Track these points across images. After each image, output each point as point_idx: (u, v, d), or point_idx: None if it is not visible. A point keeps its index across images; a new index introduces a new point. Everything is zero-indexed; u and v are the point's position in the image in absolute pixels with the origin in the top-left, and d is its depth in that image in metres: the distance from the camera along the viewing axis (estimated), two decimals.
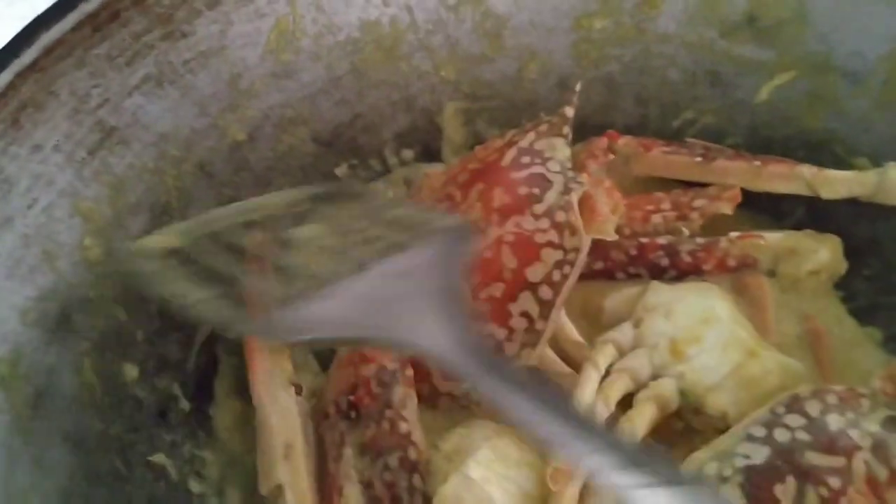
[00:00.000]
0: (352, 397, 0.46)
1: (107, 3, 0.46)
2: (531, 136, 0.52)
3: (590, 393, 0.45)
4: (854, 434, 0.40)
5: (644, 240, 0.52)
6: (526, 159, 0.50)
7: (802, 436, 0.41)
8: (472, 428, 0.45)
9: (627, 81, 0.57)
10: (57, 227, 0.45)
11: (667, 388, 0.46)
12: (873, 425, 0.41)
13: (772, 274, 0.52)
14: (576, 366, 0.48)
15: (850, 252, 0.52)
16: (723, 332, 0.47)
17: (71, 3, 0.45)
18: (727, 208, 0.52)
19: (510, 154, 0.51)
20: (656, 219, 0.54)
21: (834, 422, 0.41)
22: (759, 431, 0.42)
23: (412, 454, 0.45)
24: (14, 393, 0.42)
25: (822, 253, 0.52)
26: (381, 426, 0.45)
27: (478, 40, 0.56)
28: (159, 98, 0.48)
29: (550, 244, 0.48)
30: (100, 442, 0.45)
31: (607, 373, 0.47)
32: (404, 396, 0.47)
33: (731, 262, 0.51)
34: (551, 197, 0.49)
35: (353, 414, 0.46)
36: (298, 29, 0.52)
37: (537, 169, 0.50)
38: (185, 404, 0.51)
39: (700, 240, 0.51)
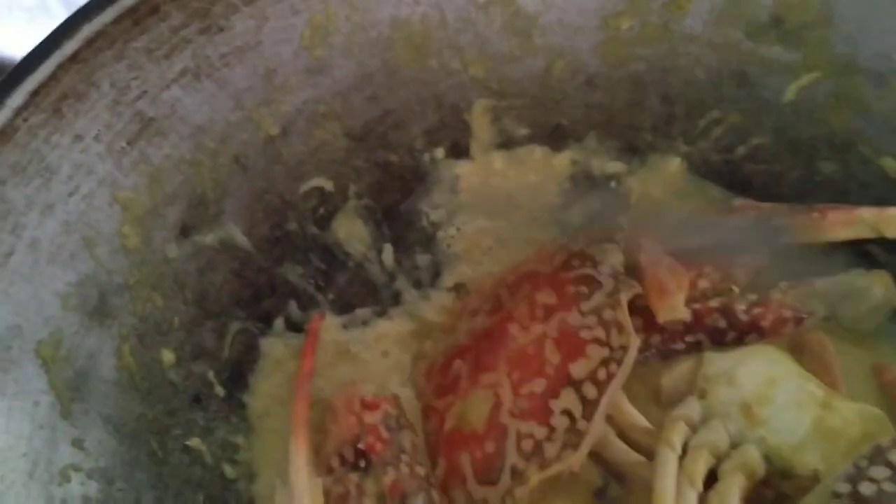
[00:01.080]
0: (360, 445, 0.45)
1: None
2: (582, 240, 0.52)
3: (672, 475, 0.43)
4: None
5: (697, 305, 0.50)
6: (576, 262, 0.51)
7: (889, 487, 0.39)
8: None
9: (654, 80, 0.58)
10: (96, 216, 0.46)
11: (750, 455, 0.44)
12: None
13: (827, 320, 0.51)
14: (647, 453, 0.46)
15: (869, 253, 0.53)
16: (791, 388, 0.45)
17: None
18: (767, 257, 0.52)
19: (560, 257, 0.52)
20: (703, 283, 0.52)
21: None
22: (844, 488, 0.40)
23: (435, 496, 0.45)
24: (55, 375, 0.42)
25: (876, 290, 0.51)
26: (401, 470, 0.45)
27: (506, 39, 0.56)
28: (196, 91, 0.49)
29: (597, 341, 0.47)
30: (138, 425, 0.46)
31: (684, 451, 0.44)
32: (413, 440, 0.47)
33: (788, 314, 0.50)
34: (599, 297, 0.48)
35: (362, 463, 0.45)
36: (331, 25, 0.53)
37: (587, 270, 0.50)
38: (219, 390, 0.52)
39: (752, 296, 0.51)
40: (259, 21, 0.50)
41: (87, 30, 0.45)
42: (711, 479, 0.44)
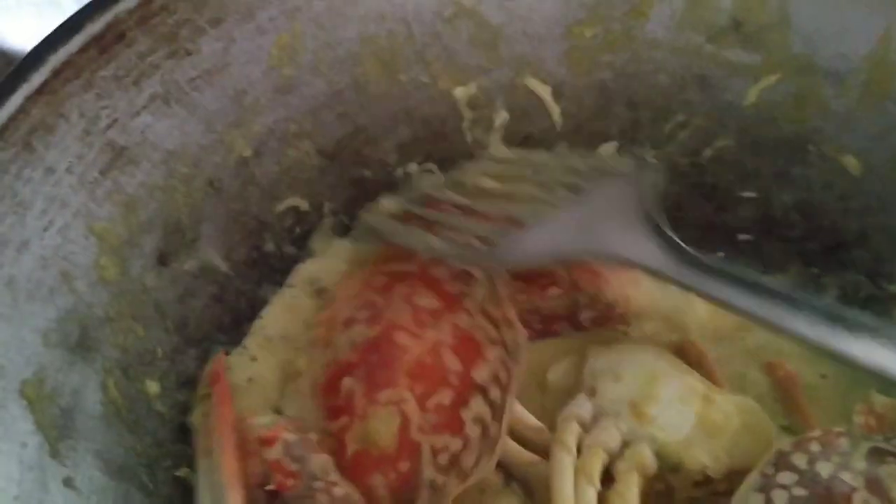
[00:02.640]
0: (270, 486, 0.43)
1: (112, 23, 0.46)
2: None
3: (569, 476, 0.44)
4: (846, 476, 0.41)
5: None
6: None
7: (799, 492, 0.41)
8: None
9: (619, 87, 0.58)
10: (73, 248, 0.45)
11: (643, 453, 0.45)
12: (860, 462, 0.41)
13: None
14: (539, 450, 0.47)
15: (839, 246, 0.54)
16: (674, 384, 0.47)
17: (76, 25, 0.46)
18: None
19: None
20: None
21: (824, 469, 0.41)
22: (757, 499, 0.42)
23: None
24: (41, 414, 0.42)
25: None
26: (318, 499, 0.43)
27: (473, 51, 0.57)
28: (166, 116, 0.49)
29: (491, 340, 0.47)
30: (127, 459, 0.45)
31: (578, 451, 0.45)
32: (322, 462, 0.45)
33: None
34: (479, 291, 0.48)
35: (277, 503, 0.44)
36: (299, 44, 0.53)
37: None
38: None
39: None
40: (226, 43, 0.50)
41: (54, 60, 0.44)
42: (606, 476, 0.45)
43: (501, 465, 0.47)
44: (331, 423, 0.47)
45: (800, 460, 0.42)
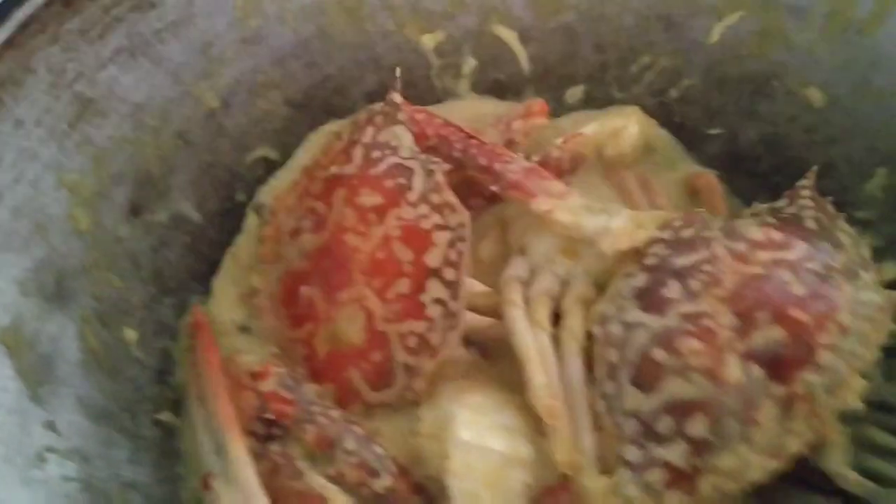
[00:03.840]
0: (268, 415, 0.45)
1: None
2: (370, 130, 0.51)
3: (525, 328, 0.47)
4: (706, 233, 0.46)
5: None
6: (376, 153, 0.50)
7: (665, 251, 0.46)
8: (435, 402, 0.46)
9: (585, 30, 0.59)
10: (45, 200, 0.46)
11: (581, 287, 0.48)
12: (716, 223, 0.47)
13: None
14: (490, 313, 0.50)
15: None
16: (582, 204, 0.49)
17: None
18: (543, 119, 0.57)
19: (358, 153, 0.51)
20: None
21: (686, 232, 0.47)
22: (633, 267, 0.46)
23: (358, 430, 0.46)
24: (20, 360, 0.42)
25: (633, 128, 0.57)
26: (318, 421, 0.45)
27: None
28: (133, 69, 0.49)
29: (437, 227, 0.48)
30: (108, 403, 0.46)
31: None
32: (315, 390, 0.47)
33: (566, 166, 0.55)
34: (418, 182, 0.49)
35: (276, 432, 0.46)
36: None
37: (392, 160, 0.50)
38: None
39: (535, 157, 0.54)
40: None
41: (21, 14, 0.45)
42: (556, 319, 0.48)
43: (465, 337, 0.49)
44: (296, 332, 0.48)
45: (666, 233, 0.47)
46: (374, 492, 0.45)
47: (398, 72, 0.53)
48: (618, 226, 0.48)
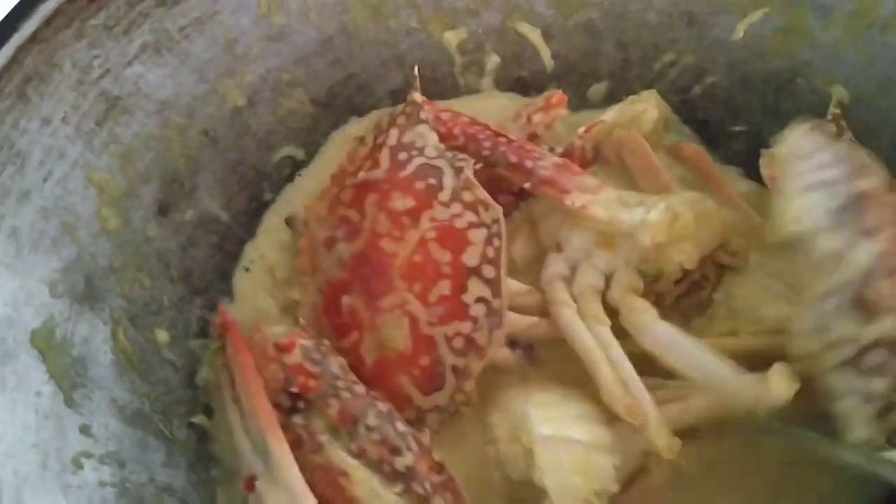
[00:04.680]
0: (293, 389, 0.45)
1: None
2: (395, 132, 0.51)
3: (581, 326, 0.46)
4: None
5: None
6: (403, 156, 0.50)
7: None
8: (503, 407, 0.46)
9: (608, 27, 0.58)
10: (73, 199, 0.45)
11: (627, 277, 0.48)
12: None
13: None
14: (534, 313, 0.49)
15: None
16: (615, 197, 0.49)
17: None
18: (563, 110, 0.56)
19: (384, 156, 0.50)
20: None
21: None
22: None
23: (382, 406, 0.45)
24: (53, 364, 0.42)
25: (652, 111, 0.56)
26: (342, 396, 0.45)
27: None
28: (158, 66, 0.48)
29: (472, 225, 0.48)
30: (142, 406, 0.45)
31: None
32: (341, 362, 0.47)
33: (590, 155, 0.55)
34: (448, 181, 0.49)
35: (301, 404, 0.45)
36: None
37: (419, 160, 0.49)
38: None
39: (559, 149, 0.54)
40: None
41: (44, 9, 0.44)
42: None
43: (510, 339, 0.49)
44: (342, 342, 0.48)
45: None
46: (396, 469, 0.44)
47: (417, 70, 0.53)
48: (655, 219, 0.47)
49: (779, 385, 0.41)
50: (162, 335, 0.48)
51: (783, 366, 0.42)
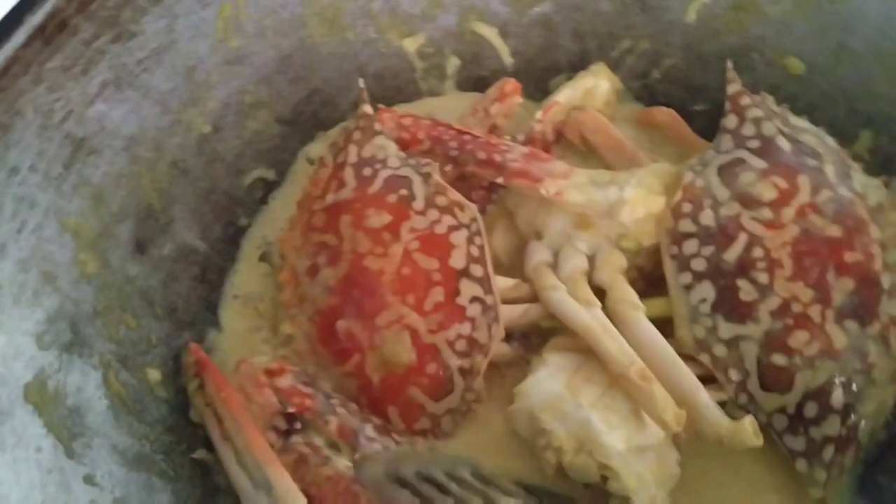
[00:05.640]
0: (290, 410, 0.45)
1: (52, 13, 0.45)
2: (353, 149, 0.51)
3: (576, 307, 0.47)
4: (724, 211, 0.47)
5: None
6: (367, 171, 0.50)
7: (705, 249, 0.47)
8: (547, 406, 0.45)
9: (563, 19, 0.59)
10: (50, 247, 0.44)
11: (611, 255, 0.49)
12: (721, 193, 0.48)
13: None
14: (524, 303, 0.49)
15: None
16: (587, 179, 0.50)
17: (17, 18, 0.44)
18: (518, 97, 0.57)
19: (349, 175, 0.50)
20: None
21: (704, 217, 0.48)
22: (686, 278, 0.47)
23: (376, 420, 0.46)
24: (50, 416, 0.41)
25: (603, 83, 0.58)
26: (339, 412, 0.45)
27: (416, 0, 0.57)
28: (120, 102, 0.48)
29: (452, 228, 0.48)
30: (142, 448, 0.45)
31: None
32: (329, 384, 0.47)
33: (552, 137, 0.56)
34: (419, 189, 0.49)
35: (297, 425, 0.45)
36: (242, 13, 0.52)
37: (385, 173, 0.50)
38: None
39: (520, 136, 0.55)
40: (169, 20, 0.49)
41: (0, 56, 0.43)
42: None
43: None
44: (344, 366, 0.48)
45: (685, 226, 0.48)
46: None
47: (361, 83, 0.53)
48: (630, 195, 0.48)
49: (747, 432, 0.42)
50: (154, 374, 0.48)
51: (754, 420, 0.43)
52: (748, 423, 0.42)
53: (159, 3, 0.48)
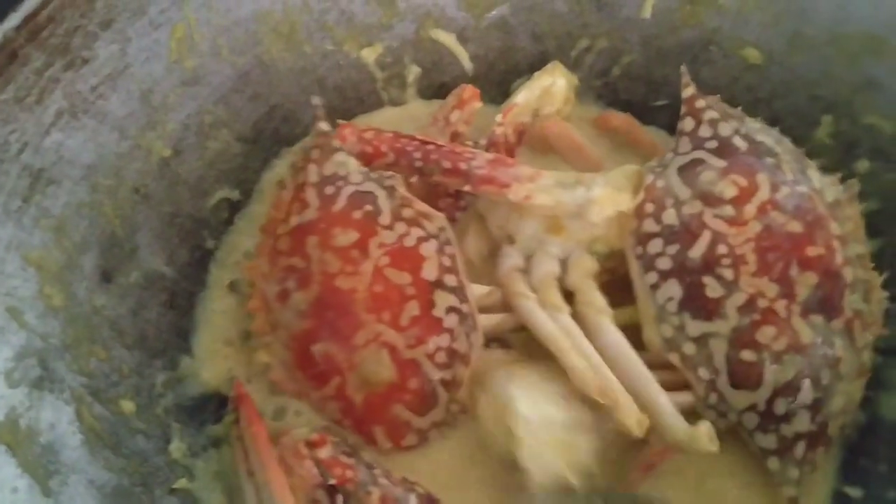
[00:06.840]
0: (331, 482, 0.44)
1: (2, 44, 0.44)
2: (313, 168, 0.50)
3: (543, 316, 0.47)
4: (686, 210, 0.47)
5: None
6: (330, 189, 0.49)
7: (670, 248, 0.47)
8: (488, 390, 0.46)
9: (520, 22, 0.59)
10: (13, 283, 0.43)
11: (581, 260, 0.49)
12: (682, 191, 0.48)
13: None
14: (498, 311, 0.49)
15: None
16: (554, 181, 0.50)
17: None
18: (477, 103, 0.56)
19: (311, 195, 0.49)
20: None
21: (667, 216, 0.48)
22: (653, 277, 0.47)
23: (420, 489, 0.45)
24: (24, 455, 0.40)
25: (560, 81, 0.58)
26: (381, 483, 0.45)
27: (371, 10, 0.56)
28: (77, 130, 0.47)
29: (421, 239, 0.48)
30: (120, 482, 0.44)
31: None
32: (374, 455, 0.47)
33: (514, 140, 0.56)
34: (384, 203, 0.48)
35: (339, 499, 0.44)
36: (195, 33, 0.51)
37: (348, 190, 0.49)
38: (189, 429, 0.50)
39: (482, 141, 0.55)
40: (122, 44, 0.48)
41: None
42: (568, 296, 0.49)
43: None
44: (324, 389, 0.47)
45: (648, 225, 0.48)
46: None
47: (316, 100, 0.52)
48: (598, 195, 0.48)
49: (703, 439, 0.43)
50: (128, 405, 0.47)
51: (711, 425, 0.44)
52: (704, 430, 0.43)
53: (110, 27, 0.47)
